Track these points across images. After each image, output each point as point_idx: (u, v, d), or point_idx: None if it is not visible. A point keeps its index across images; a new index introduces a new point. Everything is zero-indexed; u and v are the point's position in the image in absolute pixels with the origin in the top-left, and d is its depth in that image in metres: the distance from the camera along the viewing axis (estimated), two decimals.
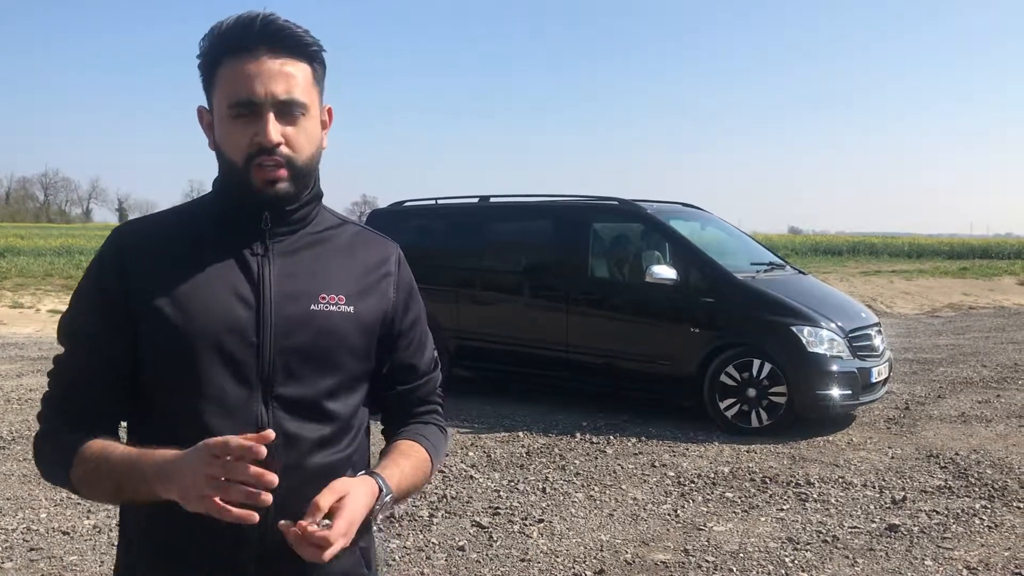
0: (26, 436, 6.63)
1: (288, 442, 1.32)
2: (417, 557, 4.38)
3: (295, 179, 1.34)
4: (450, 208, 9.17)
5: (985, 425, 7.34)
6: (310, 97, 1.35)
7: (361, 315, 1.41)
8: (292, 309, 1.35)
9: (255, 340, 1.32)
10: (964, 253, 45.00)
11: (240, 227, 1.37)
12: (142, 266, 1.34)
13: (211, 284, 1.33)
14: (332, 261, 1.42)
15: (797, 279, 8.23)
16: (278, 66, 1.31)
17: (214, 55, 1.33)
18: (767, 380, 6.98)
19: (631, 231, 8.38)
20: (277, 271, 1.37)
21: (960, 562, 4.37)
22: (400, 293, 1.49)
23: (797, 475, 5.83)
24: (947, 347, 12.32)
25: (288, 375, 1.34)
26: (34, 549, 4.41)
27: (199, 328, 1.30)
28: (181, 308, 1.31)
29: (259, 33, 1.30)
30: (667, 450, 6.52)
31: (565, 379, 8.08)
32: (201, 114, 1.40)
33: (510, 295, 8.46)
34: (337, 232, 1.46)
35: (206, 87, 1.36)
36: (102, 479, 1.28)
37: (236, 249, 1.37)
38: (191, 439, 1.23)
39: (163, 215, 1.47)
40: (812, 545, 4.59)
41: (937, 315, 17.87)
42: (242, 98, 1.30)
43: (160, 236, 1.38)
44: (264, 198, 1.33)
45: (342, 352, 1.39)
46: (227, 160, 1.34)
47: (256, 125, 1.30)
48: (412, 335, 1.52)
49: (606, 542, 4.62)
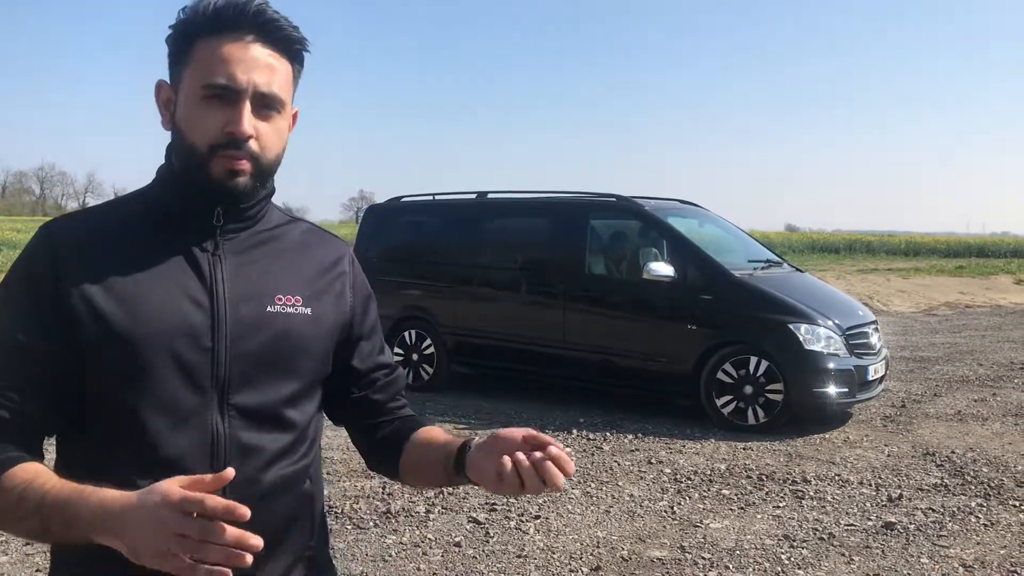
0: None
1: (245, 453, 1.24)
2: (414, 553, 4.38)
3: (257, 176, 1.25)
4: (447, 204, 9.15)
5: (981, 423, 7.36)
6: (287, 95, 1.27)
7: (318, 317, 1.34)
8: (247, 311, 1.26)
9: (209, 345, 1.22)
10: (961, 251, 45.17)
11: (188, 222, 1.27)
12: (79, 266, 1.21)
13: (159, 285, 1.22)
14: (285, 260, 1.34)
15: (794, 277, 8.23)
16: (264, 56, 1.23)
17: (195, 29, 1.23)
18: (764, 377, 6.99)
19: (629, 228, 8.37)
20: (230, 271, 1.27)
21: (956, 560, 4.37)
22: (357, 294, 1.43)
23: (794, 472, 5.83)
24: (943, 345, 12.34)
25: (245, 382, 1.25)
26: (29, 543, 4.40)
27: (148, 333, 1.19)
28: (126, 311, 1.19)
29: (251, 18, 1.22)
30: (664, 447, 6.52)
31: (562, 376, 8.08)
32: (160, 88, 1.28)
33: (507, 291, 8.46)
34: (287, 230, 1.38)
35: (175, 61, 1.25)
36: (24, 517, 1.12)
37: (184, 246, 1.26)
38: (138, 453, 1.18)
39: (99, 208, 1.35)
40: (808, 542, 4.59)
41: (933, 313, 17.90)
42: (220, 80, 1.20)
43: (98, 233, 1.25)
44: (221, 189, 1.23)
45: (301, 356, 1.31)
46: (187, 143, 1.23)
47: (229, 113, 1.21)
48: (372, 337, 1.46)
49: (602, 539, 4.62)
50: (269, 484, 1.26)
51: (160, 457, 1.19)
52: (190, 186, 1.25)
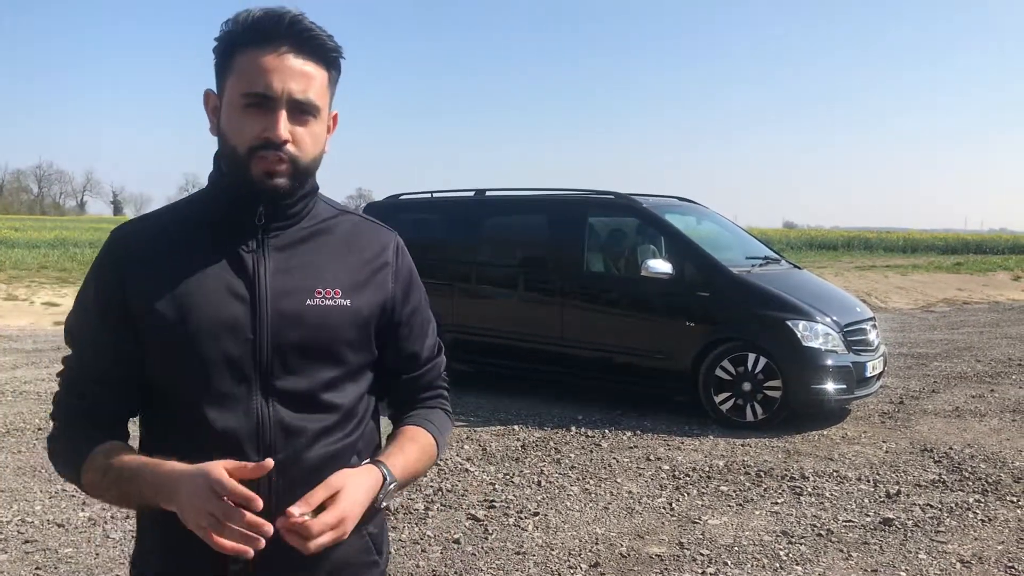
0: (20, 428, 6.61)
1: (288, 434, 1.35)
2: (413, 550, 4.38)
3: (294, 177, 1.34)
4: (446, 202, 9.15)
5: (979, 420, 7.37)
6: (323, 100, 1.36)
7: (358, 308, 1.41)
8: (287, 305, 1.36)
9: (251, 336, 1.34)
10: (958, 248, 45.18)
11: (234, 223, 1.38)
12: (138, 268, 1.35)
13: (206, 282, 1.35)
14: (328, 254, 1.42)
15: (792, 274, 8.23)
16: (299, 65, 1.32)
17: (235, 41, 1.32)
18: (762, 374, 6.99)
19: (627, 225, 8.38)
20: (272, 267, 1.37)
21: (954, 556, 4.38)
22: (399, 283, 1.50)
23: (792, 469, 5.84)
24: (941, 342, 12.35)
25: (286, 369, 1.35)
26: (29, 541, 4.40)
27: (195, 327, 1.32)
28: (177, 308, 1.33)
29: (286, 30, 1.31)
30: (662, 444, 6.53)
31: (560, 373, 8.09)
32: (208, 97, 1.40)
33: (506, 289, 8.46)
34: (334, 223, 1.46)
35: (219, 71, 1.36)
36: (109, 487, 1.32)
37: (230, 246, 1.37)
38: (193, 435, 1.32)
39: (158, 214, 1.47)
40: (807, 539, 4.60)
41: (931, 310, 17.91)
42: (258, 89, 1.30)
43: (155, 236, 1.39)
44: (261, 190, 1.33)
45: (339, 345, 1.40)
46: (229, 147, 1.34)
47: (267, 119, 1.30)
48: (412, 324, 1.53)
49: (601, 535, 4.63)
50: (315, 460, 1.36)
51: (212, 438, 1.32)
52: (234, 188, 1.36)
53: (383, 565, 1.52)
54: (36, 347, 10.84)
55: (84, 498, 5.04)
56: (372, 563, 1.49)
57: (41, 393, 7.91)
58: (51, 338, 11.52)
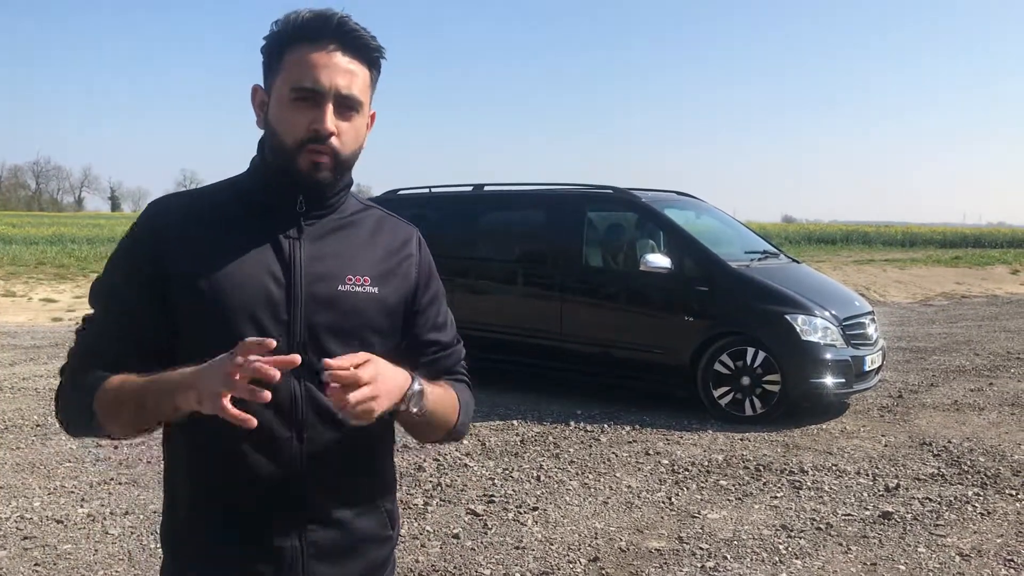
0: (18, 425, 6.60)
1: (319, 412, 1.42)
2: (412, 545, 4.38)
3: (336, 170, 1.42)
4: (444, 197, 9.13)
5: (978, 413, 7.37)
6: (365, 97, 1.44)
7: (385, 296, 1.49)
8: (320, 290, 1.43)
9: (285, 317, 1.41)
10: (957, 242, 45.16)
11: (275, 209, 1.45)
12: (177, 242, 1.41)
13: (246, 263, 1.41)
14: (358, 245, 1.50)
15: (791, 268, 8.23)
16: (345, 63, 1.39)
17: (286, 39, 1.40)
18: (761, 368, 6.99)
19: (626, 220, 8.37)
20: (307, 254, 1.44)
21: (953, 549, 4.39)
22: (422, 273, 1.58)
23: (791, 463, 5.84)
24: (940, 336, 12.35)
25: (318, 350, 1.41)
26: (28, 538, 4.39)
27: (234, 304, 1.38)
28: (216, 285, 1.38)
29: (334, 29, 1.39)
30: (661, 438, 6.53)
31: (559, 368, 8.07)
32: (255, 92, 1.47)
33: (504, 284, 8.45)
34: (362, 217, 1.55)
35: (268, 68, 1.43)
36: (127, 400, 1.32)
37: (271, 231, 1.44)
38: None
39: (197, 192, 1.54)
40: (806, 532, 4.60)
41: (930, 304, 17.92)
42: (307, 84, 1.37)
43: (195, 214, 1.45)
44: (306, 181, 1.41)
45: (367, 331, 1.47)
46: (278, 140, 1.41)
47: (314, 112, 1.38)
48: (430, 312, 1.59)
49: (600, 530, 4.63)
50: (343, 440, 1.44)
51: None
52: (280, 177, 1.43)
53: (395, 541, 1.61)
54: (34, 343, 10.83)
55: (83, 494, 5.03)
56: (387, 538, 1.58)
57: (39, 389, 7.90)
58: (49, 334, 11.52)
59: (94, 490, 5.12)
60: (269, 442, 1.39)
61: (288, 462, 1.41)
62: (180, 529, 1.48)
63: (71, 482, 5.26)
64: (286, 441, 1.40)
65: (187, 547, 1.47)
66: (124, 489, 5.14)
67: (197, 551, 1.45)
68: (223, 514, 1.42)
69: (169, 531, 1.50)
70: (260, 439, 1.37)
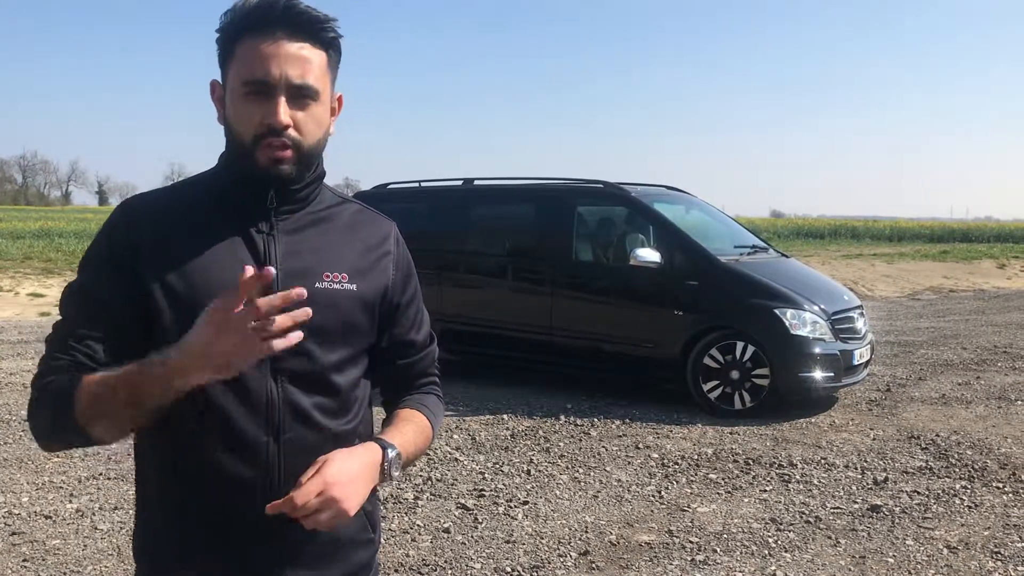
0: (5, 420, 6.57)
1: (296, 414, 1.38)
2: (402, 539, 4.38)
3: (299, 162, 1.37)
4: (434, 191, 9.12)
5: (965, 407, 7.42)
6: (322, 83, 1.37)
7: (363, 293, 1.45)
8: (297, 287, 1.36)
9: None
10: (944, 237, 45.36)
11: (245, 205, 1.40)
12: (152, 239, 1.36)
13: (218, 261, 1.36)
14: (334, 240, 1.46)
15: (780, 262, 8.25)
16: (295, 49, 1.33)
17: (233, 31, 1.34)
18: (750, 362, 7.02)
19: (615, 214, 8.37)
20: (282, 249, 1.40)
21: (941, 541, 4.42)
22: (399, 271, 1.54)
23: (780, 457, 5.87)
24: (928, 330, 12.42)
25: (295, 350, 1.32)
26: (16, 533, 4.37)
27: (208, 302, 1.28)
28: (189, 284, 1.34)
29: (281, 15, 1.32)
30: (651, 432, 6.54)
31: (549, 362, 8.08)
32: (214, 87, 1.42)
33: (494, 278, 8.44)
34: (338, 211, 1.50)
35: (222, 61, 1.38)
36: (114, 392, 1.25)
37: (242, 227, 1.40)
38: (198, 411, 1.33)
39: (170, 189, 1.49)
40: (795, 526, 4.62)
41: (918, 298, 18.01)
42: (256, 77, 1.32)
43: (169, 210, 1.41)
44: (268, 176, 1.36)
45: (346, 328, 1.43)
46: (235, 136, 1.37)
47: (267, 105, 1.32)
48: (409, 311, 1.57)
49: (591, 523, 4.64)
50: (320, 441, 1.39)
51: (218, 415, 1.34)
52: (243, 174, 1.38)
53: (377, 544, 1.56)
54: (22, 338, 10.76)
55: (72, 489, 5.01)
56: (368, 540, 1.53)
57: (27, 384, 7.82)
58: (37, 329, 11.44)
59: (83, 485, 5.10)
60: (244, 445, 1.35)
61: (264, 465, 1.36)
62: (154, 538, 1.43)
63: (59, 477, 5.24)
64: (262, 444, 1.36)
65: (162, 556, 1.42)
66: (113, 484, 5.12)
67: (172, 560, 1.40)
68: (197, 520, 1.38)
69: (141, 540, 1.46)
70: (235, 442, 1.34)
